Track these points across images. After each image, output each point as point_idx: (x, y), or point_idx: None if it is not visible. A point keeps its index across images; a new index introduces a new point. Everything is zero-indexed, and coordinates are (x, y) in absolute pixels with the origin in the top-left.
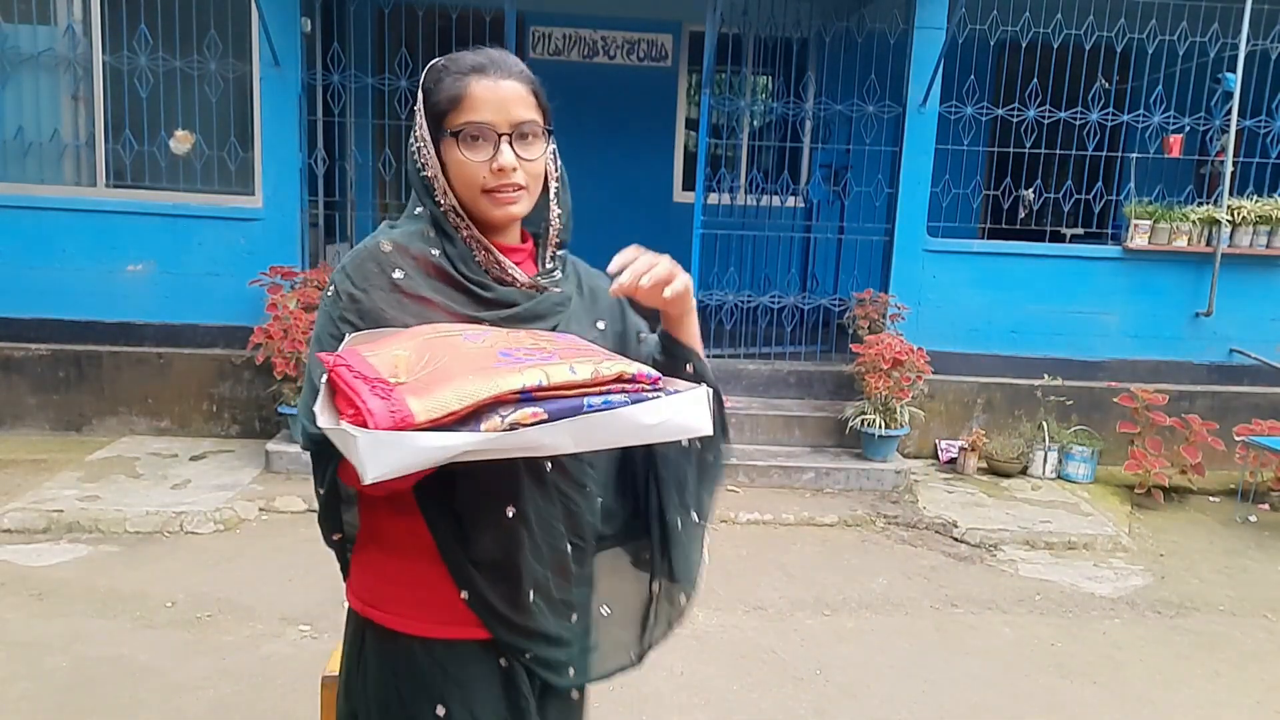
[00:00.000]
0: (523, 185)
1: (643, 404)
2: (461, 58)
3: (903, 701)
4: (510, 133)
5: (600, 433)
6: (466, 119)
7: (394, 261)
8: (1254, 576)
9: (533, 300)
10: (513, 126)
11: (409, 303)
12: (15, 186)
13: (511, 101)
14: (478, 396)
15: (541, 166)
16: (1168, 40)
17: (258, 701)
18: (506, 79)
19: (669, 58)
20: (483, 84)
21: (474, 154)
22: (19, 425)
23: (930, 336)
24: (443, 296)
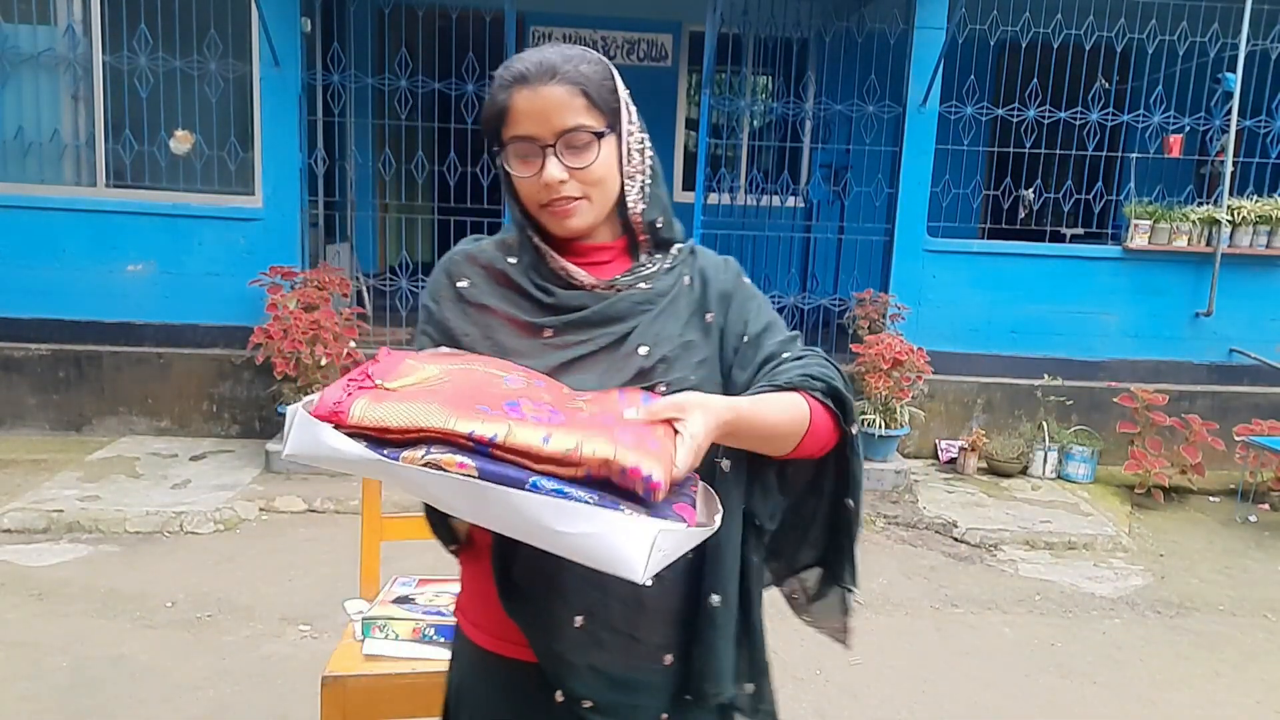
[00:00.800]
0: (578, 196)
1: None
2: (511, 65)
3: (903, 701)
4: (554, 143)
5: (512, 518)
6: (512, 134)
7: (461, 271)
8: (1254, 576)
9: (605, 302)
10: (557, 136)
11: (472, 311)
12: (15, 186)
13: (554, 109)
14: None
15: (601, 171)
16: (1168, 40)
17: (258, 701)
18: (548, 84)
19: (669, 58)
20: (523, 94)
21: (523, 170)
22: (19, 425)
23: (930, 336)
24: (506, 304)
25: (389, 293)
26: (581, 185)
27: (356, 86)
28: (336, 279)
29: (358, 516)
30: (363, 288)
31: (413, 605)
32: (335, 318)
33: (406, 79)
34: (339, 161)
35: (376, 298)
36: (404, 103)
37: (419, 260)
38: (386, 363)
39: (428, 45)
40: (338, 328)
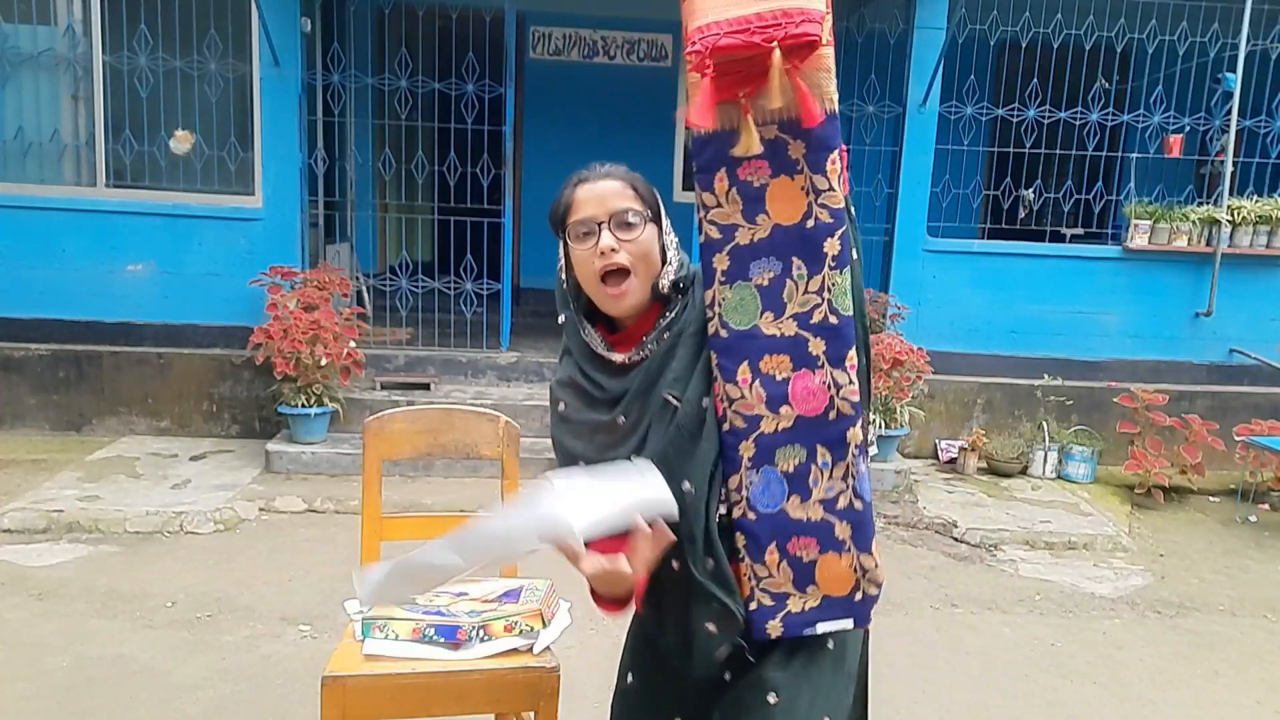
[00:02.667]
0: (626, 266)
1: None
2: (574, 175)
3: (903, 701)
4: (608, 220)
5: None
6: (573, 219)
7: (558, 395)
8: (1254, 576)
9: (632, 380)
10: (610, 215)
11: (571, 427)
12: (15, 186)
13: (608, 196)
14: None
15: (645, 247)
16: (1168, 40)
17: (257, 701)
18: (603, 180)
19: (669, 58)
20: (584, 188)
21: (583, 245)
22: (19, 425)
23: (930, 336)
24: (581, 415)
25: (389, 293)
26: (630, 256)
27: (356, 86)
28: (336, 279)
29: (358, 516)
30: (363, 288)
31: (413, 605)
32: (335, 318)
33: (406, 79)
34: (339, 161)
35: (376, 298)
36: (404, 103)
37: (419, 260)
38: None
39: (428, 45)
40: (338, 328)
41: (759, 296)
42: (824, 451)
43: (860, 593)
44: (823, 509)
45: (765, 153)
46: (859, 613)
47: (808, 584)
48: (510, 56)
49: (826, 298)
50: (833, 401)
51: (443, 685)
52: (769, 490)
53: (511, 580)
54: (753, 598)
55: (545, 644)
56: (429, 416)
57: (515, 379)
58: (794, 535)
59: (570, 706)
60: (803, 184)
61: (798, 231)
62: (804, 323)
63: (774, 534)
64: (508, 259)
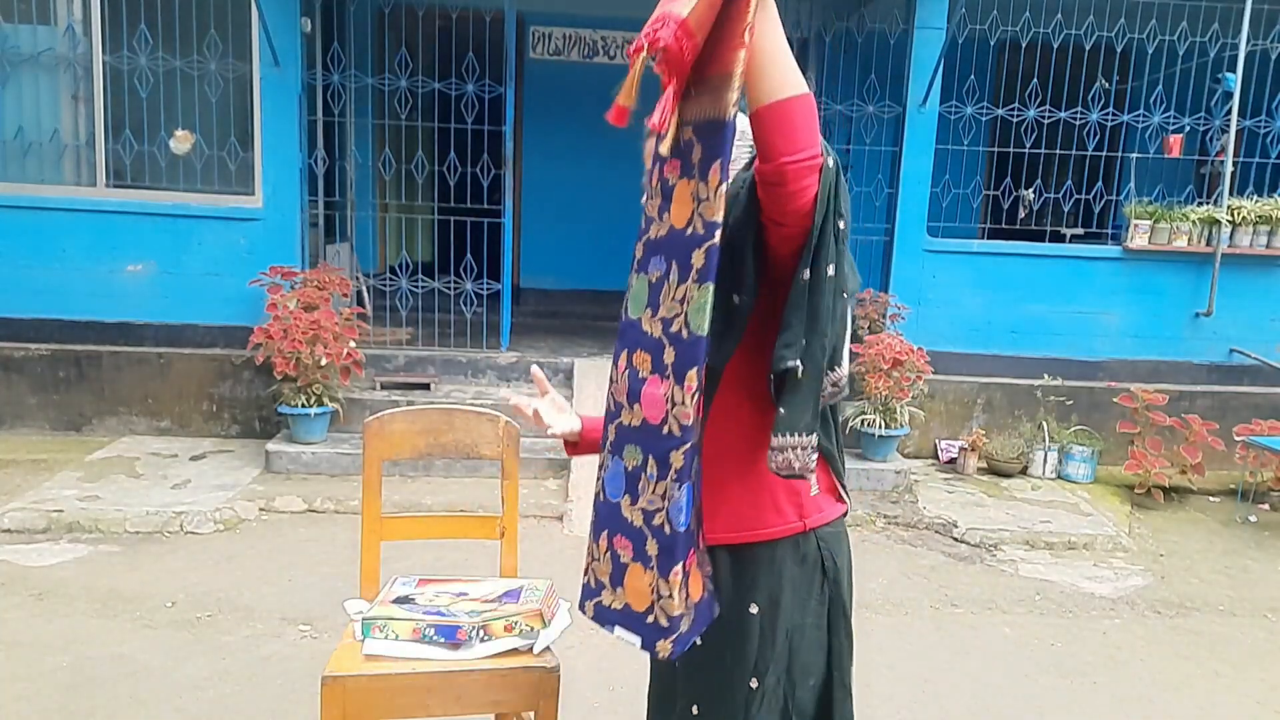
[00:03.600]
0: None
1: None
2: None
3: (903, 701)
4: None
5: None
6: None
7: None
8: (1254, 576)
9: None
10: None
11: None
12: (15, 186)
13: None
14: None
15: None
16: (1168, 40)
17: (258, 701)
18: None
19: None
20: None
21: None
22: (19, 425)
23: (930, 336)
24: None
25: (389, 293)
26: None
27: (356, 86)
28: (336, 279)
29: (358, 516)
30: (363, 288)
31: (413, 605)
32: (335, 318)
33: (406, 79)
34: (339, 161)
35: (376, 298)
36: (404, 103)
37: (419, 260)
38: None
39: (428, 45)
40: (338, 328)
41: (648, 291)
42: (653, 463)
43: (653, 616)
44: (642, 518)
45: (679, 152)
46: (647, 635)
47: (618, 584)
48: (510, 56)
49: (685, 309)
50: (666, 416)
51: (443, 685)
52: (615, 480)
53: (512, 580)
54: (585, 572)
55: (545, 644)
56: (429, 416)
57: (515, 379)
58: (619, 532)
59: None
60: (693, 189)
61: (680, 236)
62: (665, 328)
63: (608, 523)
64: (508, 259)
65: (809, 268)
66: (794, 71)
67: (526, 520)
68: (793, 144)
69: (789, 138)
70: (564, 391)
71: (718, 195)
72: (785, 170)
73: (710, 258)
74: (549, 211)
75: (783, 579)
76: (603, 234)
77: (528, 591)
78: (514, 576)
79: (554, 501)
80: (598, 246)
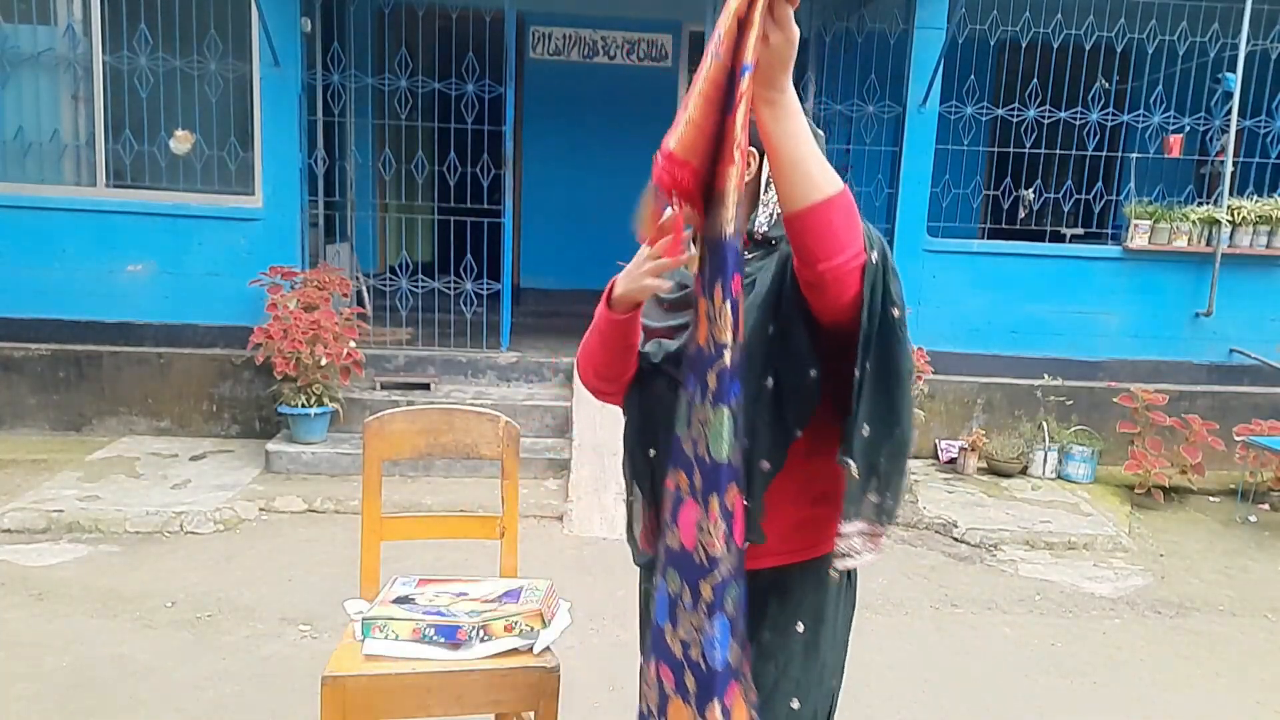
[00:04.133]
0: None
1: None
2: None
3: (903, 701)
4: None
5: None
6: None
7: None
8: (1254, 576)
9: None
10: None
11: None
12: (15, 186)
13: None
14: None
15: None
16: (1168, 40)
17: (258, 701)
18: None
19: (669, 58)
20: None
21: None
22: (19, 425)
23: (930, 336)
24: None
25: (389, 293)
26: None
27: (356, 86)
28: (336, 279)
29: (358, 516)
30: (363, 288)
31: (413, 605)
32: (335, 318)
33: (406, 79)
34: (339, 161)
35: (376, 298)
36: (404, 103)
37: (419, 260)
38: None
39: (428, 45)
40: (338, 328)
41: (686, 409)
42: (687, 590)
43: None
44: (681, 649)
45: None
46: None
47: (662, 715)
48: (510, 56)
49: (706, 432)
50: (696, 543)
51: (443, 685)
52: (661, 604)
53: (512, 580)
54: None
55: (545, 644)
56: (429, 416)
57: (515, 379)
58: (663, 661)
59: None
60: (706, 308)
61: (701, 355)
62: (694, 449)
63: (656, 649)
64: (508, 259)
65: (867, 362)
66: (823, 173)
67: (526, 520)
68: (828, 250)
69: (823, 244)
70: (564, 391)
71: (723, 315)
72: (824, 275)
73: (722, 380)
74: (549, 211)
75: (828, 594)
76: (603, 234)
77: (528, 591)
78: (514, 576)
79: (554, 501)
80: (598, 246)
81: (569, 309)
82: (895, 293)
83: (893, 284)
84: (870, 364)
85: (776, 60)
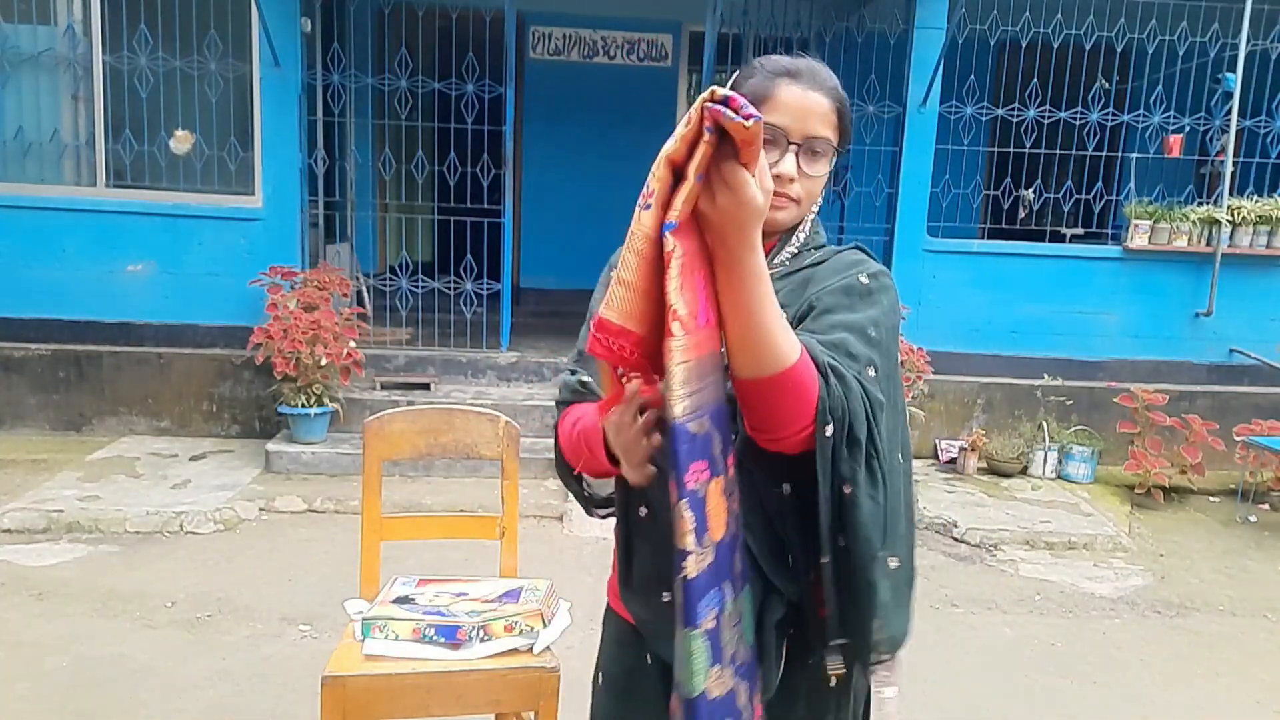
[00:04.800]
0: (795, 198)
1: None
2: (777, 60)
3: (903, 701)
4: (801, 144)
5: None
6: (766, 117)
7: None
8: (1254, 576)
9: None
10: (805, 139)
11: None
12: (15, 186)
13: (813, 114)
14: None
15: (819, 187)
16: (1168, 40)
17: (258, 702)
18: (816, 90)
19: (669, 58)
20: (791, 89)
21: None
22: (19, 425)
23: (930, 336)
24: None
25: (389, 292)
26: (802, 188)
27: (356, 86)
28: (336, 279)
29: (358, 516)
30: (363, 288)
31: (413, 605)
32: (335, 318)
33: (406, 79)
34: (339, 161)
35: (376, 298)
36: (404, 103)
37: (419, 260)
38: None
39: (428, 45)
40: (338, 328)
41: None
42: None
43: None
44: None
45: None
46: None
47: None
48: (510, 56)
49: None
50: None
51: (443, 685)
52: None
53: (512, 580)
54: None
55: (545, 644)
56: (429, 416)
57: (515, 379)
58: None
59: (570, 706)
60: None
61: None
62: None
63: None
64: (508, 259)
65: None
66: (773, 350)
67: (526, 520)
68: (770, 425)
69: (767, 419)
70: None
71: (680, 519)
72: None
73: (689, 595)
74: (549, 211)
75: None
76: (603, 234)
77: (528, 591)
78: (514, 576)
79: (554, 501)
80: (598, 246)
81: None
82: (848, 469)
83: (845, 461)
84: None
85: (728, 223)
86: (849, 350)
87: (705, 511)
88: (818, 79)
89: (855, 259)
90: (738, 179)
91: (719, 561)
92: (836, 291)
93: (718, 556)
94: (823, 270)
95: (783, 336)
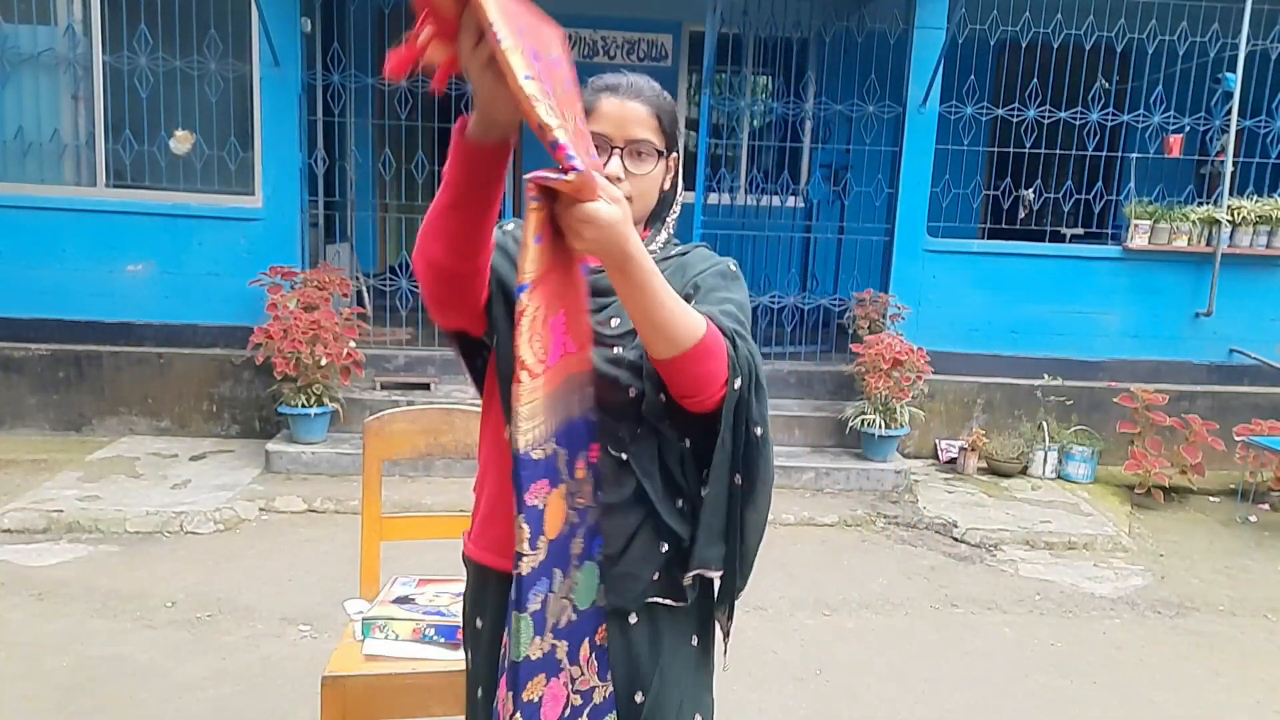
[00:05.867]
0: (627, 195)
1: None
2: (602, 77)
3: (903, 701)
4: (623, 147)
5: None
6: (590, 129)
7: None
8: (1254, 576)
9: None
10: (627, 142)
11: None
12: (15, 186)
13: (631, 120)
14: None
15: (651, 184)
16: (1168, 40)
17: (258, 701)
18: (634, 100)
19: (669, 58)
20: (610, 101)
21: None
22: (19, 425)
23: (930, 336)
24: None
25: (389, 292)
26: (632, 188)
27: (356, 86)
28: (336, 279)
29: (358, 516)
30: (363, 287)
31: (413, 605)
32: (335, 318)
33: (406, 79)
34: (339, 161)
35: (376, 297)
36: (404, 103)
37: None
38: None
39: None
40: (338, 328)
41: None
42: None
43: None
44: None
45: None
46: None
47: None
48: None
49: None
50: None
51: (443, 685)
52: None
53: None
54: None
55: None
56: (429, 416)
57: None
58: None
59: None
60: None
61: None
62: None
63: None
64: None
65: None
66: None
67: None
68: (689, 389)
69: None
70: None
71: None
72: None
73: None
74: None
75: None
76: None
77: None
78: None
79: None
80: None
81: None
82: (757, 414)
83: (754, 407)
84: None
85: (604, 246)
86: (737, 318)
87: (543, 520)
88: (634, 89)
89: (711, 252)
90: (586, 213)
91: (551, 555)
92: (714, 275)
93: (550, 552)
94: (692, 258)
95: (689, 315)
